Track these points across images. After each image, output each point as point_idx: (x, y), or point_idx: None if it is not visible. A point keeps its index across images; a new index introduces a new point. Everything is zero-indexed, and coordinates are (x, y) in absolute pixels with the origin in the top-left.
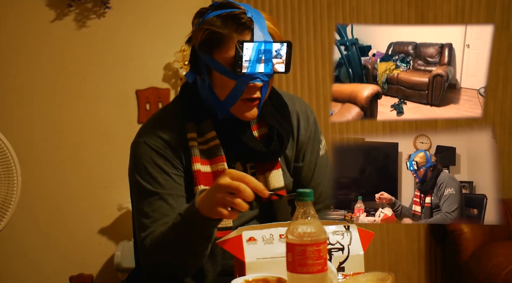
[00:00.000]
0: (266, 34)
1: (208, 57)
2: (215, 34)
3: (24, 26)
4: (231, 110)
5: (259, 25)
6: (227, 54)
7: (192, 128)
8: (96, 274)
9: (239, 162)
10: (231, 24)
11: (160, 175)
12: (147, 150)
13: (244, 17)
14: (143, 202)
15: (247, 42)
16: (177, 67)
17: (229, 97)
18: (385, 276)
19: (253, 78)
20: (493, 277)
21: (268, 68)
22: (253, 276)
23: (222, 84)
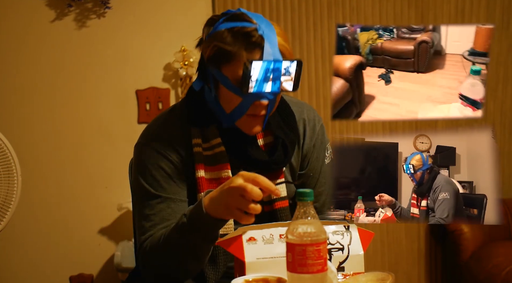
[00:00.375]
0: (276, 53)
1: (216, 71)
2: (224, 51)
3: (24, 26)
4: (236, 123)
5: (270, 43)
6: (235, 71)
7: (197, 134)
8: (96, 274)
9: (243, 170)
10: (242, 41)
11: (164, 178)
12: (151, 153)
13: (255, 35)
14: (145, 204)
15: (256, 62)
16: (177, 67)
17: (235, 112)
18: (385, 276)
19: (260, 97)
20: (493, 277)
21: (275, 86)
22: (253, 276)
23: (228, 98)
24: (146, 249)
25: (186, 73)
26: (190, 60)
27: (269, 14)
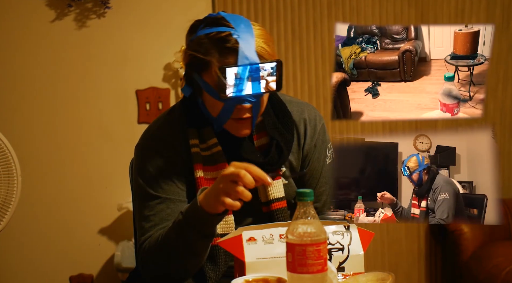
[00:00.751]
0: (253, 55)
1: (198, 77)
2: (201, 57)
3: (24, 26)
4: (224, 127)
5: (246, 46)
6: (213, 77)
7: (194, 134)
8: (96, 274)
9: None
10: (216, 47)
11: (164, 179)
12: (151, 153)
13: (231, 40)
14: (145, 205)
15: (230, 67)
16: (177, 67)
17: (220, 116)
18: (385, 276)
19: (241, 101)
20: (493, 277)
21: (256, 88)
22: (253, 276)
23: (212, 104)
24: (145, 249)
25: None
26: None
27: (269, 14)
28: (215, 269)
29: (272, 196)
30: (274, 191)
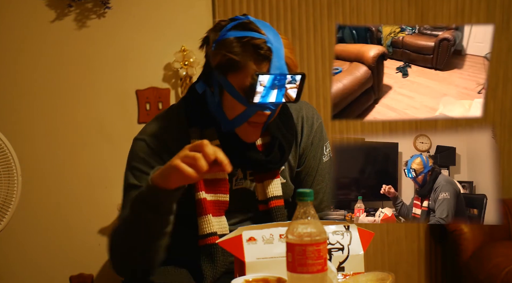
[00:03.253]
0: (283, 66)
1: (222, 78)
2: (234, 59)
3: (24, 26)
4: (236, 130)
5: (277, 56)
6: (242, 81)
7: (196, 134)
8: (96, 274)
9: (239, 169)
10: (251, 53)
11: (149, 172)
12: (144, 147)
13: (264, 47)
14: (126, 195)
15: (263, 74)
16: (177, 67)
17: (237, 119)
18: (385, 276)
19: (263, 108)
20: (493, 277)
21: (279, 98)
22: (253, 276)
23: (232, 106)
24: (112, 237)
25: (186, 73)
26: (190, 60)
27: (269, 14)
28: (212, 267)
29: (271, 193)
30: (272, 189)
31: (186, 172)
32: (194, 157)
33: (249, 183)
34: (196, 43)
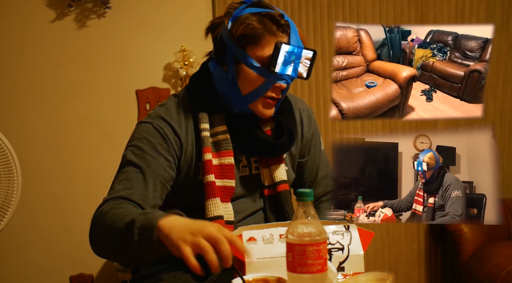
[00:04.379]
0: (299, 40)
1: (240, 50)
2: (254, 31)
3: (24, 26)
4: (250, 106)
5: (294, 31)
6: (262, 52)
7: (205, 119)
8: (96, 274)
9: (244, 156)
10: (271, 24)
11: (151, 152)
12: (148, 128)
13: (282, 20)
14: (122, 170)
15: (285, 44)
16: (177, 67)
17: (253, 93)
18: (385, 276)
19: (281, 79)
20: (493, 277)
21: (294, 72)
22: (253, 276)
23: (249, 79)
24: (103, 212)
25: (186, 73)
26: (190, 60)
27: None
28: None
29: (279, 178)
30: (280, 174)
31: (191, 264)
32: (206, 251)
33: (254, 170)
34: (196, 43)
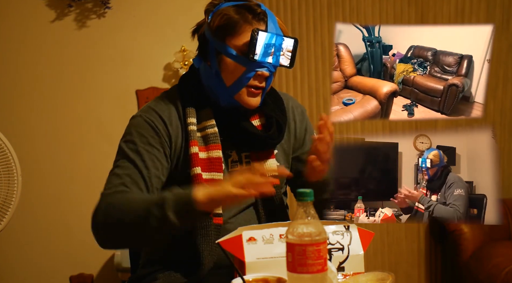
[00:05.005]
0: (278, 29)
1: (220, 43)
2: (231, 20)
3: (24, 26)
4: (235, 97)
5: (272, 20)
6: (240, 41)
7: (192, 113)
8: (96, 274)
9: (234, 151)
10: (247, 14)
11: (144, 145)
12: (140, 122)
13: (259, 9)
14: (119, 165)
15: (262, 32)
16: (177, 67)
17: (236, 83)
18: (385, 276)
19: (262, 67)
20: (493, 277)
21: (275, 60)
22: (253, 276)
23: (230, 69)
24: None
25: None
26: (190, 60)
27: None
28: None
29: (269, 173)
30: (270, 168)
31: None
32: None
33: (244, 165)
34: (196, 43)
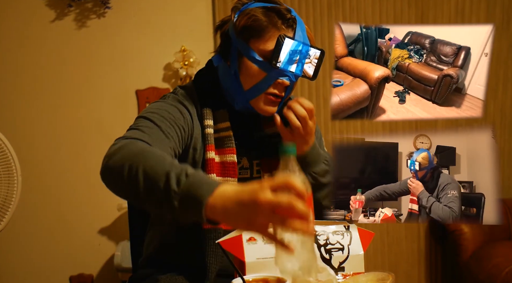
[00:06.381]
0: (305, 37)
1: (243, 43)
2: (258, 23)
3: (24, 26)
4: (251, 102)
5: (300, 27)
6: (264, 45)
7: (209, 115)
8: (96, 274)
9: (245, 157)
10: (276, 18)
11: (168, 121)
12: (166, 104)
13: (289, 15)
14: (140, 123)
15: (289, 38)
16: (177, 67)
17: (254, 88)
18: (385, 276)
19: (284, 75)
20: (493, 277)
21: (298, 69)
22: (253, 276)
23: (250, 73)
24: (125, 144)
25: (186, 73)
26: (190, 60)
27: None
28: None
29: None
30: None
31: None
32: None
33: (255, 173)
34: (196, 43)
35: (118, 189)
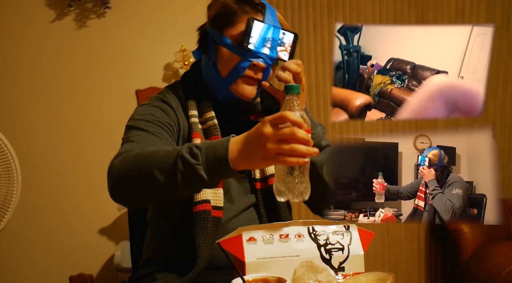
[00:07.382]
0: (276, 22)
1: (217, 33)
2: (228, 9)
3: (24, 26)
4: (230, 88)
5: (271, 12)
6: (236, 31)
7: (193, 106)
8: (96, 274)
9: None
10: (245, 4)
11: (154, 123)
12: (149, 107)
13: (257, 1)
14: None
15: (258, 21)
16: (177, 67)
17: (231, 73)
18: (385, 276)
19: (257, 57)
20: (493, 277)
21: (272, 53)
22: (253, 276)
23: (226, 59)
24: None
25: None
26: (190, 60)
27: None
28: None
29: (269, 171)
30: (270, 167)
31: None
32: (296, 151)
33: None
34: (196, 43)
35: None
